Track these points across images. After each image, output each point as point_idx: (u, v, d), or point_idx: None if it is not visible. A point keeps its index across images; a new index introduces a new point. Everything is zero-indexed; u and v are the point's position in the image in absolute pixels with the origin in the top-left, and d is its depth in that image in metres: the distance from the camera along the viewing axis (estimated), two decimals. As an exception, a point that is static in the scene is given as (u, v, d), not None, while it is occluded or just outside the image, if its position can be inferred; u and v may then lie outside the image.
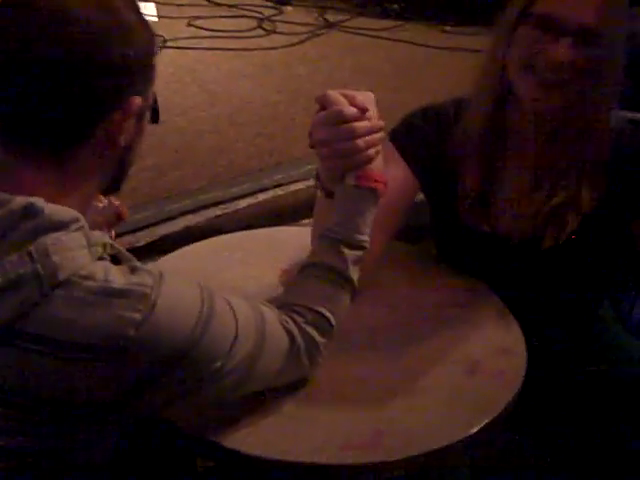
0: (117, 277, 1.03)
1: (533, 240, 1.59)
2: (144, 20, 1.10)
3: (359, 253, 1.32)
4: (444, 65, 4.08)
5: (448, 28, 4.65)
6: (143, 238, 2.30)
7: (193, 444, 1.27)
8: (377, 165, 1.33)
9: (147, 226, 2.37)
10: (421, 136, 1.64)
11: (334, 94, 1.31)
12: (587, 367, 1.68)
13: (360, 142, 1.29)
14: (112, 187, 1.19)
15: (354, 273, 1.31)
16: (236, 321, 1.14)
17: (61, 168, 1.07)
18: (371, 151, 1.31)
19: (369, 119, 1.30)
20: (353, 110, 1.29)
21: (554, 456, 1.61)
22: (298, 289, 1.32)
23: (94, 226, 1.13)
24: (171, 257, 1.72)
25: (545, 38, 1.44)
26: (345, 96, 1.31)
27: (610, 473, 1.62)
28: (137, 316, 1.01)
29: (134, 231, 2.30)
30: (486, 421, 1.28)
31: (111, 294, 1.01)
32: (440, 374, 1.40)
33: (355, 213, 1.33)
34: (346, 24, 4.73)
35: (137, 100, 1.08)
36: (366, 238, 1.32)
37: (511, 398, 1.34)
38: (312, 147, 1.34)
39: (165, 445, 1.45)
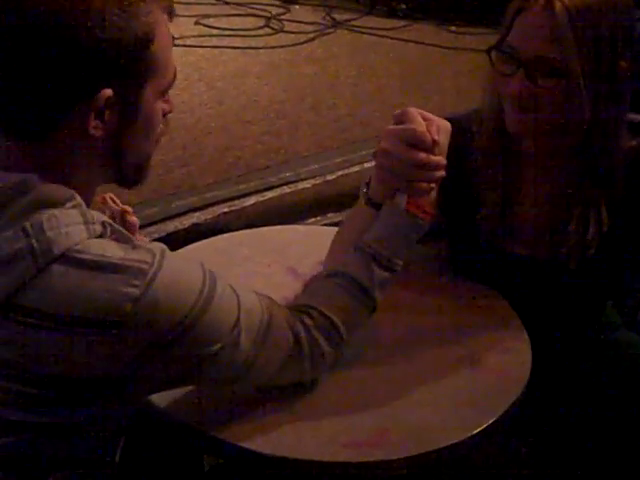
0: (114, 252, 1.02)
1: (553, 259, 1.57)
2: (128, 12, 1.03)
3: (388, 275, 1.31)
4: (451, 65, 4.09)
5: (454, 28, 4.65)
6: (150, 235, 2.30)
7: (199, 441, 1.28)
8: (430, 196, 1.34)
9: (154, 223, 2.37)
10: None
11: (414, 113, 1.32)
12: (594, 369, 1.68)
13: (419, 173, 1.31)
14: (125, 180, 1.16)
15: (379, 293, 1.31)
16: (239, 308, 1.14)
17: (43, 155, 1.05)
18: (425, 185, 1.32)
19: (437, 154, 1.32)
20: (428, 138, 1.30)
21: (559, 463, 1.61)
22: (317, 293, 1.32)
23: None
24: (178, 254, 1.72)
25: (508, 68, 1.44)
26: (424, 118, 1.32)
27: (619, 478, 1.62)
28: (134, 291, 1.01)
29: (141, 227, 2.30)
30: (490, 420, 1.28)
31: (107, 268, 1.01)
32: (444, 373, 1.40)
33: (397, 235, 1.33)
34: (353, 23, 4.73)
35: (106, 93, 1.03)
36: (400, 262, 1.32)
37: (515, 398, 1.34)
38: (374, 156, 1.35)
39: (172, 442, 1.45)
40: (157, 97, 1.11)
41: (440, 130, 1.33)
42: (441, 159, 1.33)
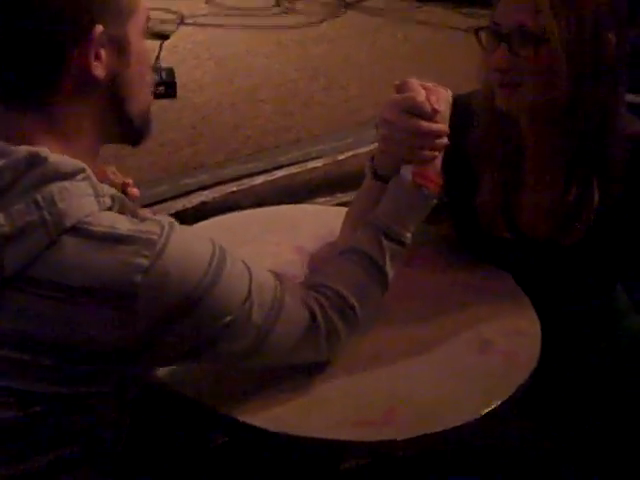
0: (124, 224, 1.04)
1: (552, 238, 1.57)
2: None
3: (399, 248, 1.32)
4: (462, 47, 4.06)
5: (465, 10, 4.62)
6: (159, 213, 2.30)
7: (206, 417, 1.28)
8: (435, 166, 1.35)
9: (163, 200, 2.38)
10: (449, 126, 1.62)
11: (414, 83, 1.34)
12: (603, 354, 1.68)
13: (421, 141, 1.32)
14: (130, 134, 1.18)
15: (390, 268, 1.31)
16: (250, 281, 1.14)
17: (50, 116, 1.06)
18: (428, 153, 1.33)
19: (438, 122, 1.32)
20: (427, 106, 1.31)
21: (569, 444, 1.61)
22: (331, 271, 1.32)
23: None
24: (187, 228, 1.72)
25: (492, 45, 1.44)
26: (424, 88, 1.33)
27: (627, 462, 1.61)
28: (144, 262, 1.02)
29: (150, 205, 2.30)
30: (499, 402, 1.28)
31: (117, 240, 1.02)
32: (453, 354, 1.40)
33: (404, 207, 1.33)
34: (364, 5, 4.71)
35: (99, 28, 1.04)
36: (409, 235, 1.33)
37: (524, 379, 1.34)
38: (376, 128, 1.36)
39: (177, 419, 1.45)
40: (140, 36, 1.13)
41: (440, 99, 1.34)
42: (443, 126, 1.34)
